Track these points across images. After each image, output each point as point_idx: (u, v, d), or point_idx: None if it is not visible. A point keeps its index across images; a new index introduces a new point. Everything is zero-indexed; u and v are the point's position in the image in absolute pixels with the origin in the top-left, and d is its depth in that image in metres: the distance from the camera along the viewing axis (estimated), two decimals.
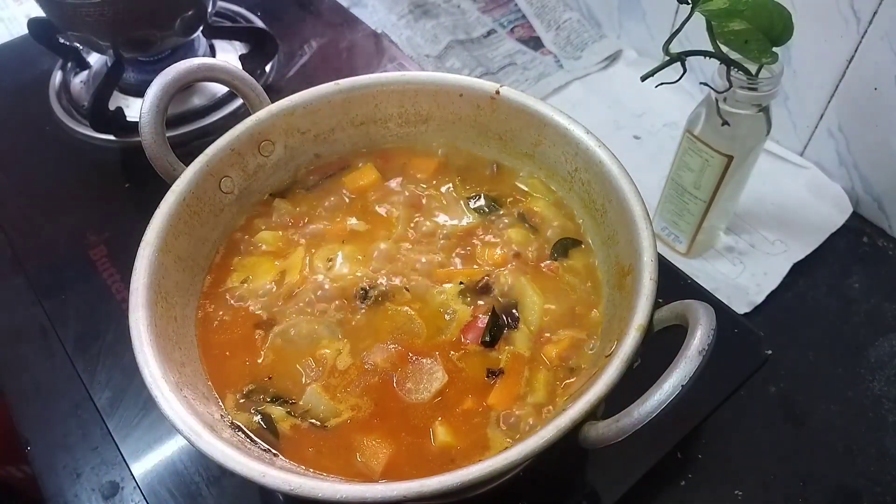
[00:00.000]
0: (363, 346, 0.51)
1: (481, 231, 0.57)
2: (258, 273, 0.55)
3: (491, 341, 0.50)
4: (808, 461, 0.59)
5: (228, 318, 0.53)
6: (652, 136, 0.86)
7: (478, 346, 0.50)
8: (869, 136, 0.73)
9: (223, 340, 0.52)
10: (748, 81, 0.57)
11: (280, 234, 0.58)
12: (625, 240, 0.50)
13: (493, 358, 0.50)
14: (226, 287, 0.55)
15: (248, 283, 0.55)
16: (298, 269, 0.55)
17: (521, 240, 0.56)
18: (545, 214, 0.58)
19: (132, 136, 0.82)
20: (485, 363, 0.50)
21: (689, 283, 0.65)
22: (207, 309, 0.53)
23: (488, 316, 0.51)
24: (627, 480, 0.54)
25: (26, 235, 0.76)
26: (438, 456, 0.46)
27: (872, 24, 0.66)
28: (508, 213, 0.58)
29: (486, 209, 0.59)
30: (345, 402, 0.48)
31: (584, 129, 0.54)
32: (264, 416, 0.47)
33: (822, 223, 0.76)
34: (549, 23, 1.01)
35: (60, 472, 0.59)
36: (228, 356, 0.51)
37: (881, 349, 0.66)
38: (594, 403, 0.39)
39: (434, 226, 0.58)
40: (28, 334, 0.68)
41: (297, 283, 0.54)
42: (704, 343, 0.38)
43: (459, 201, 0.60)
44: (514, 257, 0.55)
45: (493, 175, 0.61)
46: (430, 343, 0.51)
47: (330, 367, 0.50)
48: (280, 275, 0.55)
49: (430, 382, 0.48)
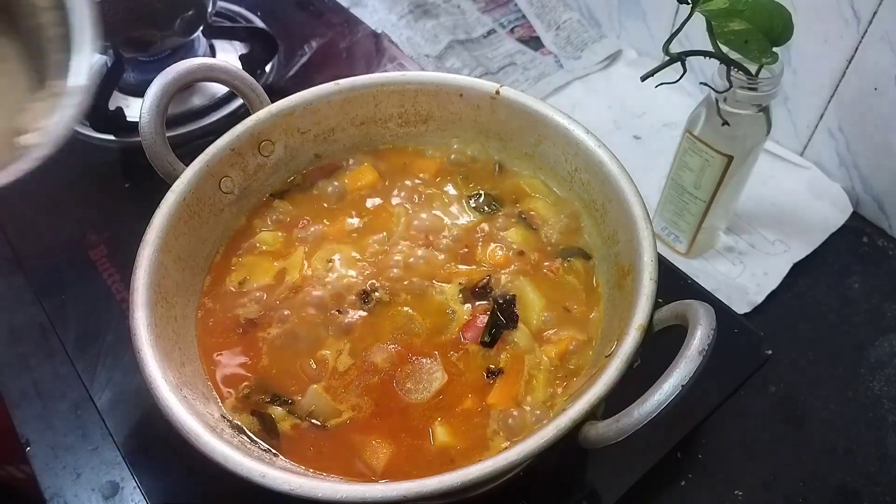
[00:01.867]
0: (363, 347, 0.51)
1: (482, 230, 0.57)
2: (257, 273, 0.55)
3: (490, 341, 0.50)
4: (808, 461, 0.59)
5: (228, 319, 0.53)
6: (652, 136, 0.86)
7: (477, 346, 0.50)
8: (869, 136, 0.73)
9: (223, 341, 0.52)
10: (748, 81, 0.57)
11: (280, 234, 0.58)
12: (625, 240, 0.50)
13: (492, 358, 0.50)
14: (225, 287, 0.55)
15: (246, 282, 0.55)
16: (298, 268, 0.55)
17: (522, 240, 0.56)
18: (545, 215, 0.58)
19: (132, 136, 0.82)
20: (484, 363, 0.50)
21: (689, 283, 0.65)
22: (207, 309, 0.53)
23: (487, 316, 0.51)
24: (627, 480, 0.54)
25: (26, 235, 0.76)
26: (438, 456, 0.46)
27: (872, 25, 0.66)
28: (510, 213, 0.58)
29: (486, 208, 0.59)
30: (345, 402, 0.48)
31: (584, 129, 0.54)
32: (264, 417, 0.47)
33: (822, 223, 0.76)
34: (549, 23, 1.01)
35: (60, 472, 0.59)
36: (228, 356, 0.51)
37: (881, 349, 0.66)
38: (594, 403, 0.39)
39: (435, 225, 0.58)
40: (28, 334, 0.68)
41: (297, 282, 0.54)
42: (704, 343, 0.38)
43: (460, 200, 0.60)
44: (516, 257, 0.55)
45: (494, 175, 0.61)
46: (429, 343, 0.51)
47: (331, 367, 0.50)
48: (279, 275, 0.55)
49: (430, 382, 0.48)
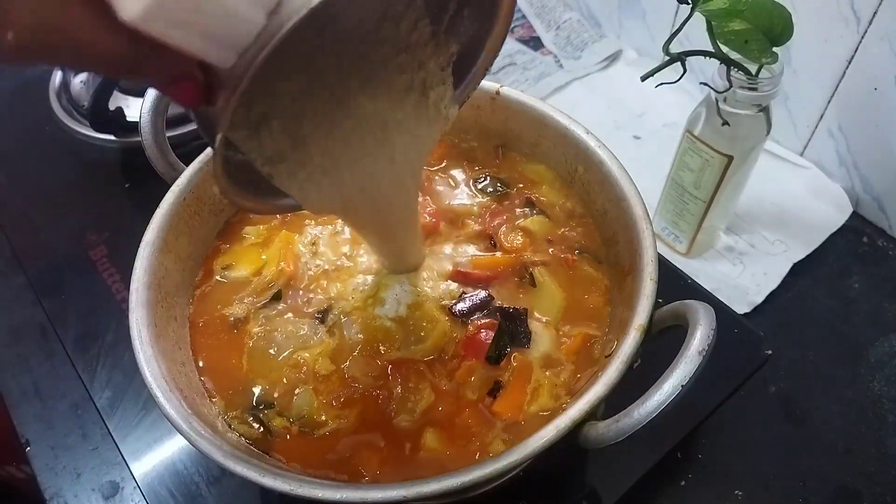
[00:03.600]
0: (347, 355, 0.49)
1: (489, 215, 0.56)
2: (242, 262, 0.55)
3: (496, 358, 0.48)
4: (808, 461, 0.59)
5: (216, 318, 0.52)
6: (652, 136, 0.86)
7: (479, 362, 0.48)
8: (869, 136, 0.73)
9: (212, 342, 0.51)
10: (748, 81, 0.57)
11: (261, 227, 0.57)
12: (625, 240, 0.50)
13: (494, 373, 0.48)
14: (213, 279, 0.54)
15: (232, 268, 0.54)
16: (286, 259, 0.54)
17: (534, 227, 0.56)
18: (551, 199, 0.57)
19: (132, 136, 0.82)
20: (487, 378, 0.48)
21: (689, 283, 0.65)
22: (197, 307, 0.53)
23: (493, 331, 0.49)
24: (627, 480, 0.54)
25: (26, 235, 0.76)
26: (431, 461, 0.45)
27: (872, 24, 0.66)
28: (517, 196, 0.58)
29: (492, 190, 0.58)
30: (331, 410, 0.47)
31: (584, 129, 0.54)
32: (257, 418, 0.47)
33: (822, 223, 0.76)
34: (549, 23, 1.01)
35: (60, 472, 0.59)
36: (218, 356, 0.50)
37: (881, 349, 0.66)
38: (594, 404, 0.39)
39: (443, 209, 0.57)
40: (28, 334, 0.68)
41: (288, 276, 0.53)
42: (704, 343, 0.38)
43: (468, 183, 0.59)
44: (529, 245, 0.54)
45: (498, 159, 0.61)
46: (422, 355, 0.49)
47: (313, 371, 0.48)
48: (263, 264, 0.54)
49: (416, 403, 0.47)
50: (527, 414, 0.46)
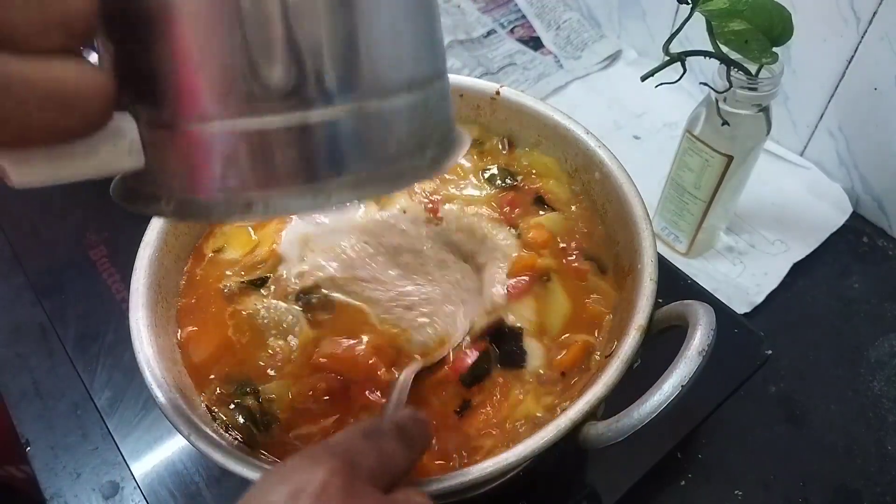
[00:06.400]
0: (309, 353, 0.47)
1: (507, 205, 0.55)
2: (234, 243, 0.54)
3: (469, 382, 0.46)
4: (808, 461, 0.59)
5: (208, 312, 0.51)
6: (652, 136, 0.86)
7: (454, 380, 0.46)
8: (869, 136, 0.73)
9: (201, 336, 0.50)
10: (748, 81, 0.57)
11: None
12: (625, 240, 0.50)
13: (467, 393, 0.46)
14: (203, 264, 0.53)
15: (223, 250, 0.53)
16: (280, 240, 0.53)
17: (549, 224, 0.54)
18: (559, 194, 0.56)
19: None
20: (456, 394, 0.46)
21: (689, 283, 0.65)
22: (187, 299, 0.51)
23: (479, 352, 0.47)
24: (627, 480, 0.54)
25: (26, 235, 0.76)
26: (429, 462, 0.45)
27: (872, 24, 0.66)
28: (526, 189, 0.56)
29: (499, 181, 0.57)
30: (309, 400, 0.46)
31: (584, 129, 0.54)
32: (251, 411, 0.45)
33: (822, 223, 0.76)
34: (549, 23, 1.01)
35: (60, 472, 0.59)
36: (206, 352, 0.49)
37: (881, 349, 0.66)
38: (594, 404, 0.39)
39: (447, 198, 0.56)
40: (28, 334, 0.68)
41: (269, 258, 0.52)
42: (704, 343, 0.38)
43: (476, 173, 0.58)
44: (549, 243, 0.53)
45: (505, 150, 0.59)
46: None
47: (290, 359, 0.47)
48: (254, 247, 0.53)
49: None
50: (504, 427, 0.44)
